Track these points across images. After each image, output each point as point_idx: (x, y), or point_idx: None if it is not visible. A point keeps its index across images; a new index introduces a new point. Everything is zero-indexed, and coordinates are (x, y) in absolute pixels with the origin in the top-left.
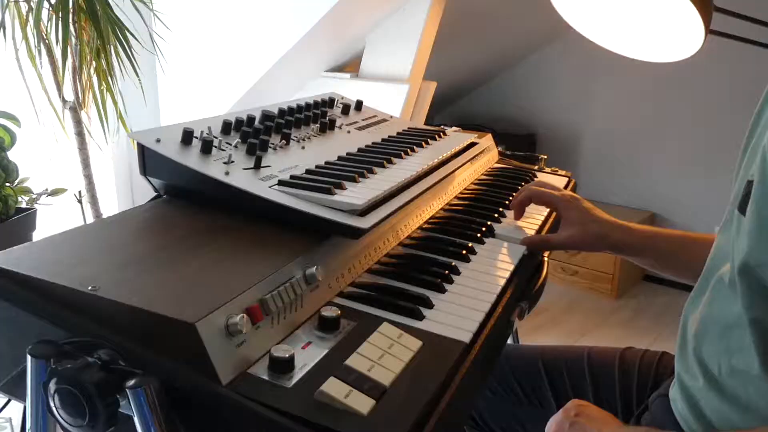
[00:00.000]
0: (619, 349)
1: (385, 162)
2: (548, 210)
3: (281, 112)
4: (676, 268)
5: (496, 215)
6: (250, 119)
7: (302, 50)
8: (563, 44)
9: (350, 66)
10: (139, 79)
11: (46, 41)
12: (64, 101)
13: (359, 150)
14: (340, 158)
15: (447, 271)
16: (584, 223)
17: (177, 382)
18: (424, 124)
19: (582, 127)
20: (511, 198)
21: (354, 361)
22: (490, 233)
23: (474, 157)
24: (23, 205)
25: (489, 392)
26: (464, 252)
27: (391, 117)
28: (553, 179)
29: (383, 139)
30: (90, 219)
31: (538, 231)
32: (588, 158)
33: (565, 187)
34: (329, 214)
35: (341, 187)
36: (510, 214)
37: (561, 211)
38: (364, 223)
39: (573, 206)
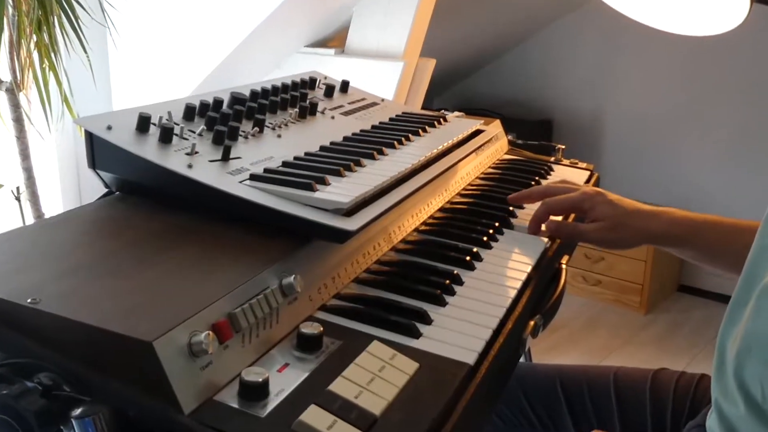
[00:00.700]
0: (651, 371)
1: (375, 153)
2: None
3: (254, 94)
4: (726, 261)
5: (505, 215)
6: (218, 103)
7: (278, 22)
8: (583, 15)
9: (334, 40)
10: (88, 56)
11: None
12: None
13: (345, 139)
14: (322, 148)
15: (448, 281)
16: (617, 217)
17: (131, 410)
18: (421, 108)
19: (605, 111)
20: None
21: (339, 387)
22: (498, 235)
23: (480, 147)
24: None
25: (497, 418)
26: (468, 259)
27: (383, 100)
28: (572, 173)
29: (373, 126)
30: (30, 220)
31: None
32: (612, 148)
33: (587, 182)
34: (310, 213)
35: (324, 182)
36: (520, 217)
37: (587, 212)
38: (350, 224)
39: (599, 202)
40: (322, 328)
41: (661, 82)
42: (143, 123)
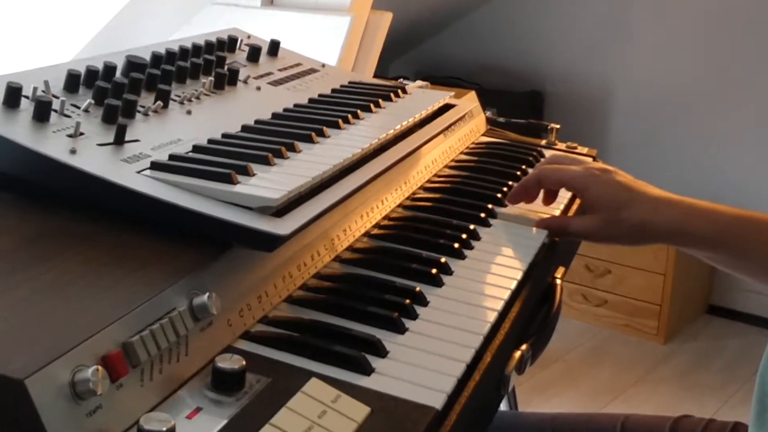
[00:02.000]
0: (671, 419)
1: (314, 134)
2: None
3: (156, 58)
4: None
5: (482, 216)
6: (109, 70)
7: None
8: None
9: None
10: None
11: None
12: None
13: (275, 116)
14: (245, 129)
15: (408, 301)
16: (618, 204)
17: None
18: (374, 76)
19: (612, 82)
20: (506, 189)
21: None
22: (473, 241)
23: (450, 126)
24: None
25: None
26: (434, 272)
27: (324, 66)
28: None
29: (312, 100)
30: None
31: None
32: (620, 129)
33: None
34: (228, 213)
35: (247, 172)
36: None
37: (581, 194)
38: (282, 227)
39: (598, 182)
40: (244, 362)
41: (683, 47)
42: (12, 96)
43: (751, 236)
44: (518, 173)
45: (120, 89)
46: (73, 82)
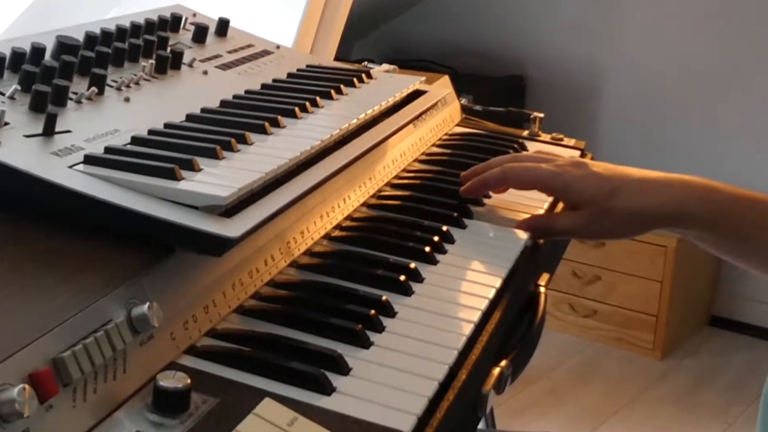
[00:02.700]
0: None
1: (267, 124)
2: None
3: (90, 39)
4: None
5: (457, 216)
6: (37, 52)
7: None
8: None
9: None
10: None
11: None
12: None
13: (224, 104)
14: (191, 118)
15: (374, 312)
16: (605, 198)
17: None
18: (335, 59)
19: (602, 66)
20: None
21: None
22: (447, 244)
23: (420, 115)
24: None
25: None
26: (403, 279)
27: (279, 47)
28: (555, 152)
29: (265, 86)
30: None
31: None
32: (612, 119)
33: None
34: (171, 213)
35: (193, 167)
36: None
37: (562, 195)
38: (231, 229)
39: (576, 178)
40: (189, 380)
41: (679, 28)
42: None
43: (749, 216)
44: None
45: (50, 74)
46: None
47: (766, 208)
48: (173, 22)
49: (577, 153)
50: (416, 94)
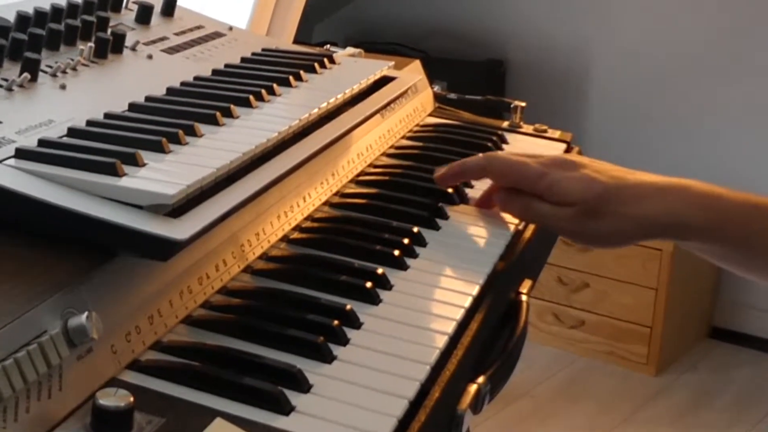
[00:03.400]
0: None
1: (219, 114)
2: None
3: (22, 19)
4: None
5: (429, 215)
6: None
7: None
8: None
9: None
10: None
11: None
12: None
13: (170, 92)
14: (133, 107)
15: (337, 322)
16: (595, 198)
17: None
18: (294, 42)
19: (589, 50)
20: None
21: None
22: (418, 247)
23: (388, 104)
24: None
25: None
26: (370, 285)
27: (232, 29)
28: (539, 146)
29: (216, 71)
30: None
31: (518, 232)
32: (602, 108)
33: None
34: (112, 213)
35: (136, 161)
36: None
37: (547, 194)
38: (179, 230)
39: (564, 177)
40: (132, 398)
41: (676, 9)
42: None
43: (756, 225)
44: None
45: None
46: None
47: None
48: (114, 1)
49: (563, 146)
50: (384, 81)
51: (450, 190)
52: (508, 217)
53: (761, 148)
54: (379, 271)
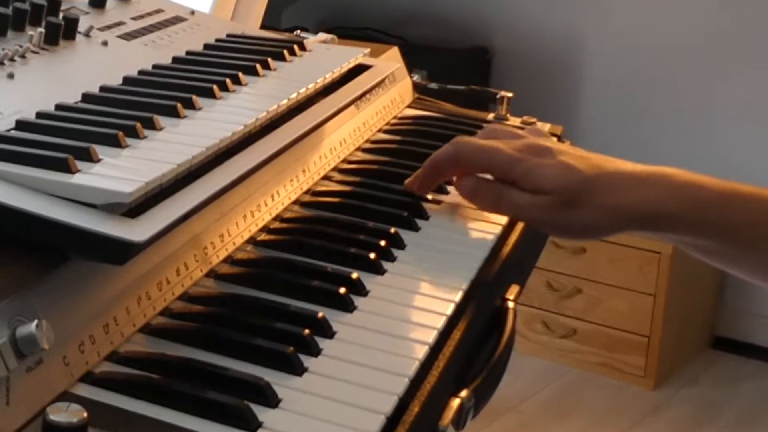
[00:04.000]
0: None
1: (180, 106)
2: None
3: None
4: None
5: (407, 215)
6: None
7: None
8: None
9: None
10: None
11: None
12: None
13: (127, 81)
14: (87, 98)
15: (308, 331)
16: (573, 187)
17: None
18: (262, 27)
19: (582, 37)
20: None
21: None
22: (395, 249)
23: (363, 94)
24: None
25: None
26: (343, 291)
27: (194, 13)
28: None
29: (177, 59)
30: None
31: (508, 226)
32: (595, 100)
33: None
34: (64, 212)
35: (90, 157)
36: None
37: (522, 181)
38: (137, 231)
39: (540, 164)
40: (86, 414)
41: None
42: None
43: (738, 216)
44: None
45: None
46: None
47: (758, 204)
48: None
49: (554, 140)
50: (359, 70)
51: (430, 197)
52: (494, 216)
53: (761, 142)
54: (354, 275)
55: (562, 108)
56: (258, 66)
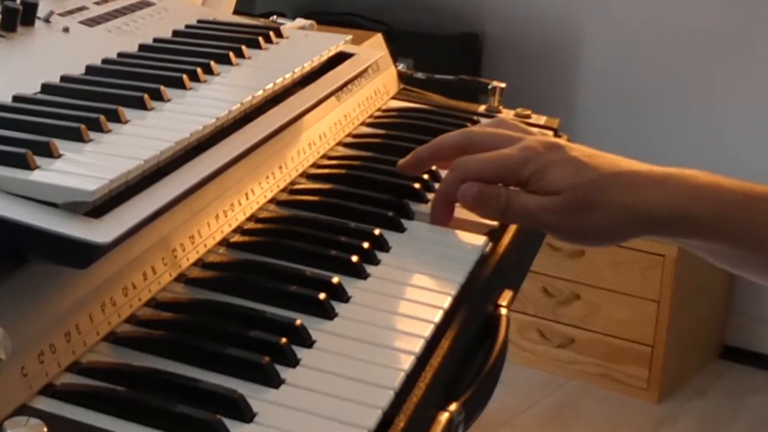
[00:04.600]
0: None
1: (147, 97)
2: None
3: None
4: None
5: (393, 214)
6: None
7: None
8: None
9: None
10: None
11: None
12: None
13: (90, 70)
14: (47, 89)
15: (285, 339)
16: (584, 187)
17: None
18: (235, 12)
19: (579, 24)
20: (428, 178)
21: None
22: (380, 252)
23: (345, 85)
24: None
25: None
26: (323, 297)
27: None
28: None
29: (144, 47)
30: None
31: (501, 227)
32: (590, 88)
33: None
34: (22, 212)
35: (50, 152)
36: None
37: (532, 182)
38: (100, 232)
39: (552, 161)
40: (46, 428)
41: None
42: None
43: (762, 218)
44: None
45: None
46: None
47: None
48: None
49: (550, 134)
50: (340, 59)
51: (416, 186)
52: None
53: (762, 132)
54: (335, 280)
55: (559, 99)
56: (231, 54)
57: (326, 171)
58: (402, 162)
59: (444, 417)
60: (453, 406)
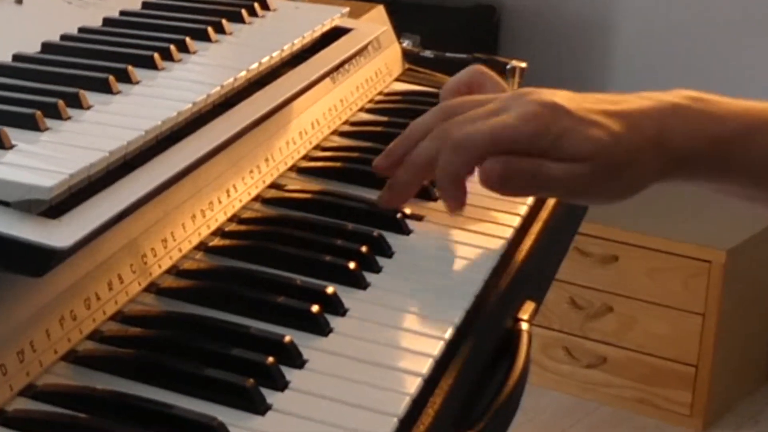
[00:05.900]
0: None
1: (112, 79)
2: None
3: None
4: None
5: (397, 216)
6: None
7: None
8: None
9: None
10: None
11: None
12: None
13: (47, 48)
14: (2, 70)
15: (272, 359)
16: (609, 149)
17: None
18: None
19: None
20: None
21: None
22: (381, 257)
23: (341, 65)
24: None
25: None
26: (316, 310)
27: None
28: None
29: (109, 21)
30: None
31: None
32: (627, 68)
33: None
34: None
35: (2, 143)
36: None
37: (552, 148)
38: (59, 235)
39: (566, 127)
40: None
41: None
42: None
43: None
44: None
45: None
46: None
47: None
48: None
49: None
50: (336, 34)
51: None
52: (504, 217)
53: None
54: (329, 290)
55: (586, 80)
56: (210, 29)
57: (319, 164)
58: (377, 161)
59: None
60: None
